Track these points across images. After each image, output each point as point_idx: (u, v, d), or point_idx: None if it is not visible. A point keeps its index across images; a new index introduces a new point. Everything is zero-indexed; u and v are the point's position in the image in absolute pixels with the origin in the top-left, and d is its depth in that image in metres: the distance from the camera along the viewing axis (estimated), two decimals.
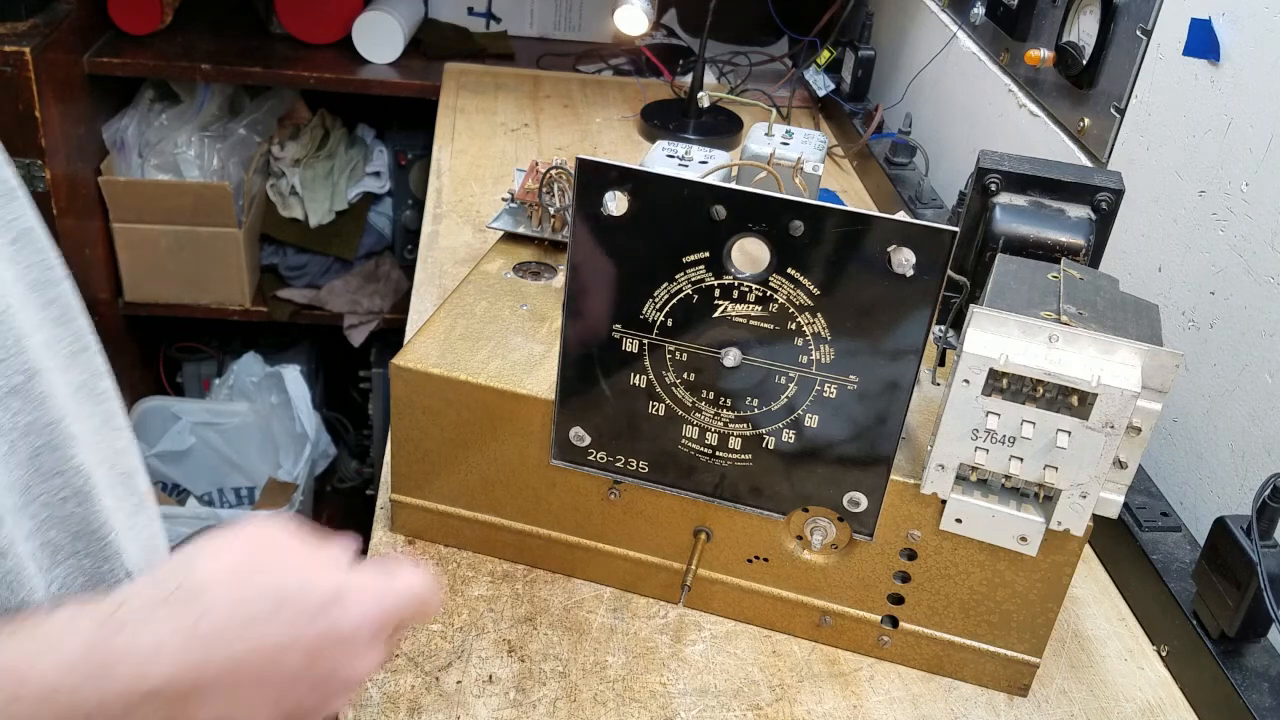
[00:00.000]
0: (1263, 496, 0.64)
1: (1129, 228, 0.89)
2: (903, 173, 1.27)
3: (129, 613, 0.43)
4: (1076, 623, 0.75)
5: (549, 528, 0.72)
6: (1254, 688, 0.65)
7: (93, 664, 0.41)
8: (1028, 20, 1.11)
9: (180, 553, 0.47)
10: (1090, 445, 0.57)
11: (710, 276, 0.59)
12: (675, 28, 1.79)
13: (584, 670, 0.66)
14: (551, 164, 0.86)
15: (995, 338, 0.57)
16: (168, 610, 0.44)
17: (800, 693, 0.67)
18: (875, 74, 1.48)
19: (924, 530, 0.64)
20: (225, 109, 1.83)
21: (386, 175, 1.92)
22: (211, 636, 0.44)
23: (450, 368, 0.68)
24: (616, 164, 0.58)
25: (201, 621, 0.44)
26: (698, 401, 0.63)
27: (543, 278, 0.80)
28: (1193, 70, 0.84)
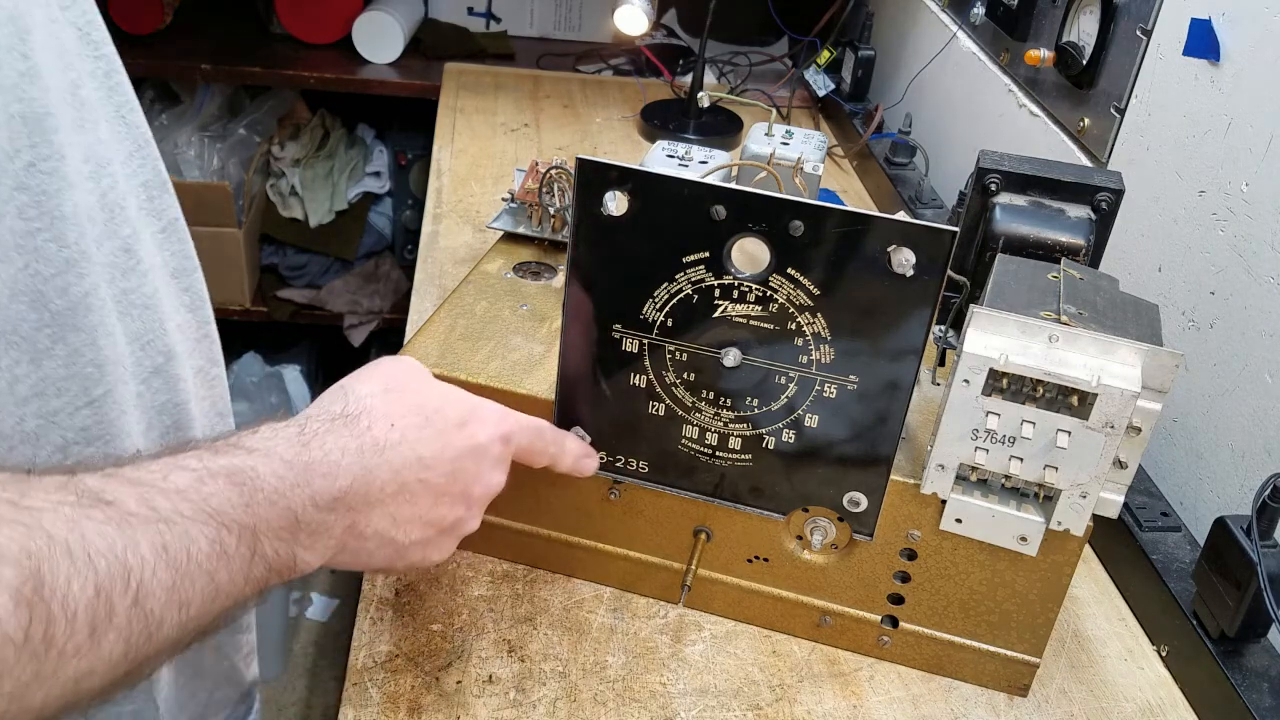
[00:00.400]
0: (1263, 496, 0.64)
1: (1129, 228, 0.89)
2: (903, 173, 1.27)
3: (315, 430, 0.48)
4: (1076, 623, 0.75)
5: (549, 528, 0.72)
6: (1254, 688, 0.65)
7: (296, 470, 0.45)
8: (1028, 20, 1.11)
9: (333, 387, 0.52)
10: (1090, 445, 0.57)
11: (710, 276, 0.59)
12: (675, 28, 1.79)
13: (584, 670, 0.66)
14: (551, 164, 0.86)
15: (995, 338, 0.57)
16: (341, 426, 0.49)
17: (800, 693, 0.67)
18: (875, 74, 1.48)
19: (924, 530, 0.64)
20: (225, 109, 1.83)
21: (386, 175, 1.92)
22: (376, 447, 0.49)
23: (450, 368, 0.68)
24: (616, 164, 0.58)
25: (366, 435, 0.49)
26: (698, 401, 0.63)
27: (543, 278, 0.80)
28: (1193, 70, 0.84)
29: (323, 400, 0.51)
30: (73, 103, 0.46)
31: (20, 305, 0.44)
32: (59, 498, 0.37)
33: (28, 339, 0.44)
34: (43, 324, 0.45)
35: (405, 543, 0.51)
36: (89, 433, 0.48)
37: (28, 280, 0.44)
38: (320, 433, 0.48)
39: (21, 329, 0.44)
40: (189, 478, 0.41)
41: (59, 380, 0.46)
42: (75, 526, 0.36)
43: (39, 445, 0.46)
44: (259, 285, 1.91)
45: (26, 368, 0.44)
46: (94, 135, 0.47)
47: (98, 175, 0.47)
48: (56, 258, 0.44)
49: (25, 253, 0.43)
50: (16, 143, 0.42)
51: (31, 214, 0.43)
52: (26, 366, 0.44)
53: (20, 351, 0.44)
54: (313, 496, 0.46)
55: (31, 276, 0.44)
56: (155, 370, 0.52)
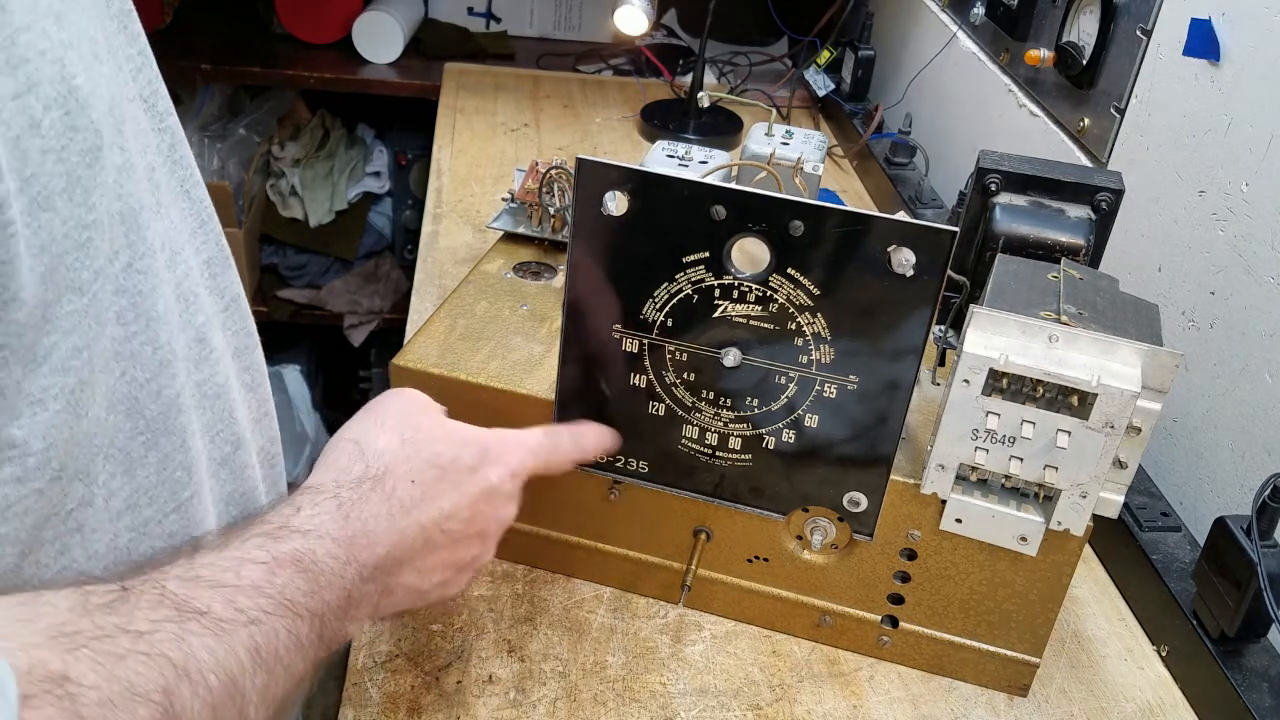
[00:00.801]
0: (1263, 496, 0.64)
1: (1129, 228, 0.89)
2: (903, 173, 1.27)
3: (350, 499, 0.47)
4: (1076, 623, 0.75)
5: (549, 528, 0.72)
6: (1254, 688, 0.65)
7: (344, 547, 0.45)
8: (1028, 20, 1.11)
9: (342, 440, 0.52)
10: (1090, 445, 0.57)
11: (710, 276, 0.59)
12: (675, 28, 1.79)
13: (584, 670, 0.66)
14: (551, 164, 0.86)
15: (995, 338, 0.57)
16: (371, 491, 0.48)
17: (800, 693, 0.67)
18: (875, 74, 1.48)
19: (924, 530, 0.64)
20: (225, 109, 1.83)
21: (386, 175, 1.92)
22: (404, 508, 0.49)
23: (450, 368, 0.68)
24: (616, 164, 0.58)
25: (394, 498, 0.49)
26: (698, 401, 0.63)
27: (543, 278, 0.80)
28: (1193, 70, 0.84)
29: (339, 461, 0.50)
30: (150, 188, 0.43)
31: (117, 416, 0.41)
32: (160, 615, 0.37)
33: (123, 450, 0.42)
34: (137, 432, 0.43)
35: (428, 588, 0.52)
36: (175, 538, 0.46)
37: (125, 388, 0.42)
38: (357, 502, 0.47)
39: (118, 440, 0.42)
40: (260, 571, 0.41)
41: (150, 489, 0.44)
42: (183, 644, 0.36)
43: (130, 558, 0.44)
44: (259, 285, 1.91)
45: (121, 480, 0.42)
46: (167, 220, 0.45)
47: (173, 264, 0.45)
48: (151, 361, 0.42)
49: (123, 359, 0.41)
50: (116, 243, 0.40)
51: (129, 318, 0.41)
52: (121, 479, 0.42)
53: (116, 464, 0.42)
54: (359, 570, 0.46)
55: (129, 384, 0.42)
56: (223, 461, 0.50)
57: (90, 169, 0.36)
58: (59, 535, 0.40)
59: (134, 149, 0.41)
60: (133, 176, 0.40)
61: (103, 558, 0.42)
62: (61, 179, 0.35)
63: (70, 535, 0.40)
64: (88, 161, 0.36)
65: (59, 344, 0.36)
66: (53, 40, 0.35)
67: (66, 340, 0.37)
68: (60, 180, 0.35)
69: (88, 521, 0.41)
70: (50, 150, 0.34)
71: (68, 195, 0.35)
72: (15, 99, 0.33)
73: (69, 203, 0.36)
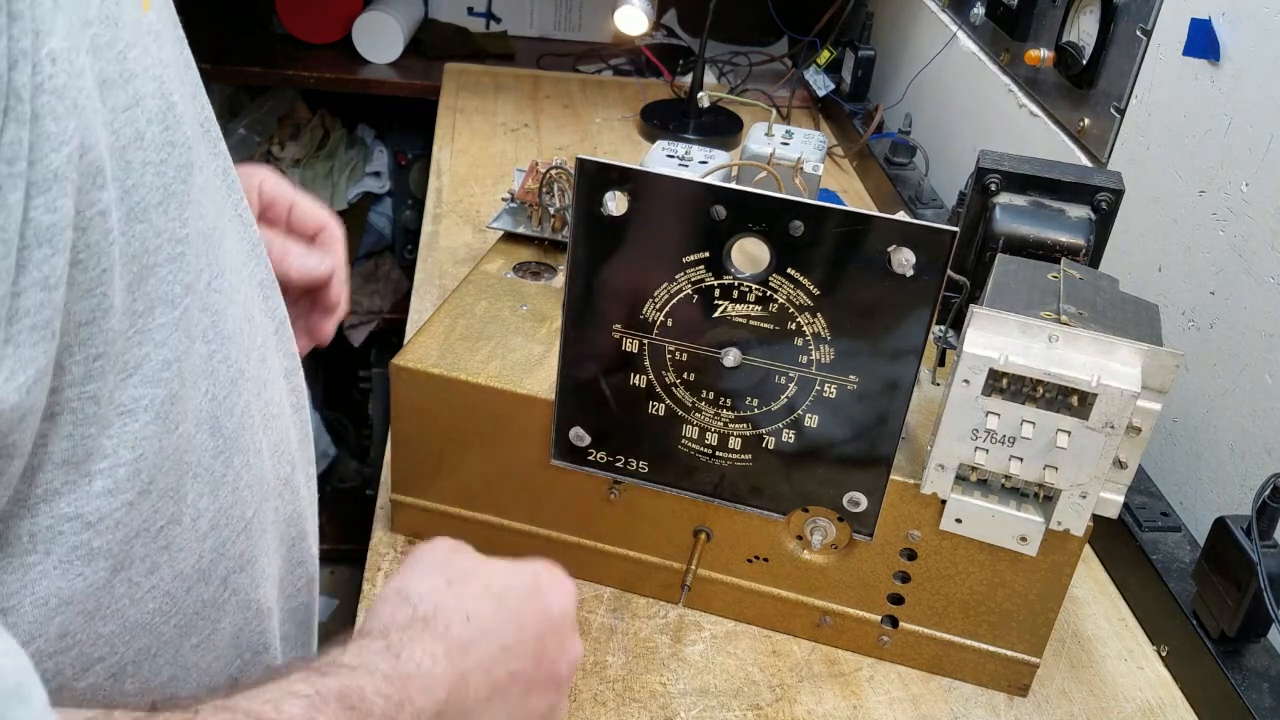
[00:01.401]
0: (1263, 496, 0.64)
1: (1129, 228, 0.89)
2: (903, 173, 1.27)
3: (400, 640, 0.43)
4: (1076, 623, 0.75)
5: (549, 528, 0.72)
6: (1254, 688, 0.65)
7: (397, 686, 0.41)
8: (1028, 20, 1.11)
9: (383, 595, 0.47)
10: (1090, 445, 0.57)
11: (710, 276, 0.59)
12: (675, 28, 1.79)
13: (584, 670, 0.66)
14: (551, 164, 0.86)
15: (995, 338, 0.57)
16: (422, 631, 0.44)
17: (800, 693, 0.67)
18: (875, 74, 1.48)
19: (924, 530, 0.64)
20: (225, 109, 1.83)
21: (386, 175, 1.92)
22: (461, 648, 0.44)
23: (450, 368, 0.68)
24: (616, 164, 0.58)
25: (448, 636, 0.44)
26: (698, 401, 0.63)
27: (543, 278, 0.80)
28: (1193, 70, 0.84)
29: (383, 612, 0.47)
30: (215, 211, 0.44)
31: (203, 434, 0.41)
32: None
33: (208, 468, 0.42)
34: (219, 451, 0.42)
35: None
36: (243, 558, 0.45)
37: (208, 406, 0.41)
38: (407, 643, 0.44)
39: (204, 459, 0.42)
40: (302, 706, 0.38)
41: (228, 508, 0.44)
42: None
43: (209, 580, 0.43)
44: None
45: (207, 500, 0.42)
46: (230, 242, 0.45)
47: (236, 285, 0.45)
48: (225, 379, 0.42)
49: (206, 377, 0.41)
50: (201, 260, 0.40)
51: (211, 335, 0.41)
52: (208, 499, 0.42)
53: (202, 483, 0.42)
54: (415, 715, 0.42)
55: (210, 401, 0.42)
56: (285, 481, 0.50)
57: (184, 184, 0.37)
58: (149, 553, 0.40)
59: (209, 170, 0.42)
60: (211, 196, 0.41)
61: (187, 578, 0.42)
62: (158, 192, 0.36)
63: (160, 553, 0.40)
64: (182, 177, 0.37)
65: (150, 355, 0.37)
66: (154, 58, 0.36)
67: (158, 353, 0.37)
68: (157, 194, 0.36)
69: (175, 539, 0.41)
70: (150, 163, 0.35)
71: (163, 209, 0.36)
72: (125, 111, 0.34)
73: (164, 216, 0.36)
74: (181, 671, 0.43)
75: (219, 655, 0.45)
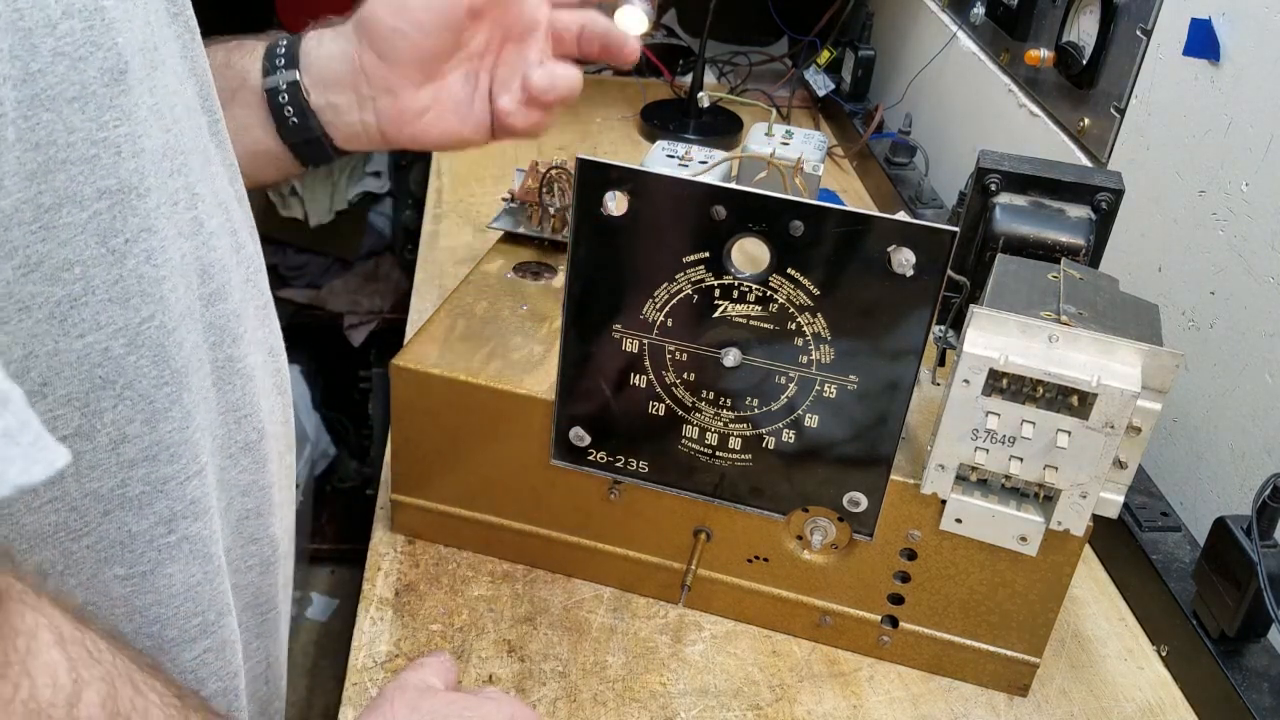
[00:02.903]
0: (1263, 496, 0.64)
1: (1129, 228, 0.89)
2: (903, 173, 1.27)
3: None
4: (1076, 623, 0.75)
5: (549, 528, 0.72)
6: (1254, 688, 0.65)
7: None
8: (1028, 20, 1.11)
9: None
10: (1090, 445, 0.57)
11: (710, 276, 0.59)
12: (675, 28, 1.78)
13: (584, 670, 0.66)
14: (551, 164, 0.86)
15: (995, 338, 0.57)
16: None
17: (800, 693, 0.67)
18: (875, 74, 1.48)
19: (924, 530, 0.64)
20: None
21: (386, 175, 1.92)
22: None
23: (450, 368, 0.68)
24: (616, 164, 0.58)
25: None
26: (698, 401, 0.63)
27: (543, 278, 0.80)
28: (1193, 70, 0.84)
29: None
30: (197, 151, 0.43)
31: (139, 358, 0.40)
32: None
33: (145, 396, 0.41)
34: (163, 381, 0.41)
35: None
36: (197, 505, 0.44)
37: (152, 332, 0.40)
38: None
39: (139, 385, 0.40)
40: None
41: (173, 445, 0.42)
42: None
43: (142, 513, 0.42)
44: None
45: (140, 427, 0.41)
46: (210, 190, 0.45)
47: (218, 232, 0.45)
48: (176, 309, 0.41)
49: (150, 301, 0.40)
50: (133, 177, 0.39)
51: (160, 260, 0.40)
52: (140, 426, 0.41)
53: (133, 409, 0.40)
54: None
55: (156, 328, 0.40)
56: (245, 447, 0.49)
57: (109, 88, 0.37)
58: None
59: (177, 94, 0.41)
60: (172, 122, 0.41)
61: (104, 499, 0.41)
62: (74, 87, 0.36)
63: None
64: (107, 81, 0.37)
65: (53, 254, 0.37)
66: None
67: (60, 251, 0.37)
68: (72, 88, 0.36)
69: (85, 455, 0.40)
70: (63, 54, 0.35)
71: (78, 106, 0.36)
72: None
73: (79, 114, 0.36)
74: (104, 600, 0.42)
75: (161, 601, 0.44)
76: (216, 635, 0.46)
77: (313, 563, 1.96)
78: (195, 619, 0.45)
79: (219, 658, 0.46)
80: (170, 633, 0.44)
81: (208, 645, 0.46)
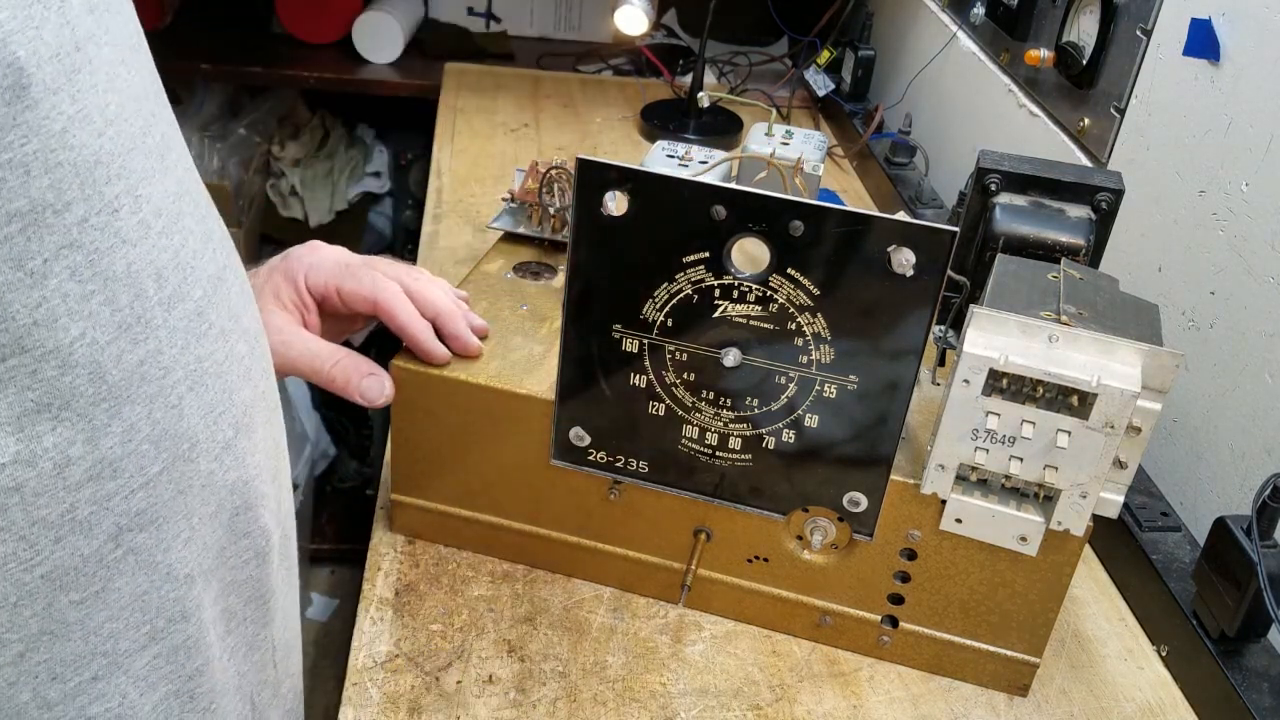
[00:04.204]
0: (1263, 496, 0.64)
1: (1129, 228, 0.89)
2: (903, 173, 1.27)
3: None
4: (1076, 623, 0.75)
5: (549, 528, 0.72)
6: (1254, 688, 0.65)
7: None
8: (1028, 20, 1.11)
9: None
10: (1090, 445, 0.57)
11: (710, 276, 0.59)
12: (675, 28, 1.79)
13: (584, 670, 0.66)
14: (551, 164, 0.86)
15: (995, 338, 0.57)
16: None
17: (800, 693, 0.67)
18: (875, 74, 1.48)
19: (924, 530, 0.64)
20: (225, 109, 1.83)
21: (386, 175, 1.92)
22: None
23: (450, 368, 0.68)
24: (616, 164, 0.58)
25: None
26: (698, 401, 0.63)
27: (543, 278, 0.80)
28: (1193, 70, 0.84)
29: None
30: (143, 150, 0.42)
31: (74, 378, 0.39)
32: None
33: (83, 415, 0.40)
34: (100, 398, 0.40)
35: None
36: (143, 516, 0.43)
37: (84, 350, 0.39)
38: None
39: (76, 404, 0.39)
40: None
41: (116, 460, 0.41)
42: None
43: (91, 534, 0.41)
44: None
45: (82, 448, 0.40)
46: (162, 187, 0.43)
47: (169, 231, 0.43)
48: (109, 322, 0.40)
49: (80, 319, 0.39)
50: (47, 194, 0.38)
51: (87, 276, 0.39)
52: (82, 447, 0.40)
53: (73, 430, 0.39)
54: None
55: (88, 345, 0.39)
56: (227, 445, 0.48)
57: (9, 107, 0.35)
58: None
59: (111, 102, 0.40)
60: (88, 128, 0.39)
61: (54, 526, 0.40)
62: None
63: (6, 495, 0.38)
64: (6, 100, 0.35)
65: None
66: None
67: None
68: None
69: (27, 483, 0.39)
70: None
71: None
72: None
73: None
74: (59, 627, 0.41)
75: (114, 616, 0.43)
76: (165, 641, 0.46)
77: (313, 563, 1.96)
78: (144, 627, 0.45)
79: (169, 663, 0.46)
80: (122, 645, 0.44)
81: (157, 651, 0.45)
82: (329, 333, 0.70)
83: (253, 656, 0.52)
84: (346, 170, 1.89)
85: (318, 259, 0.69)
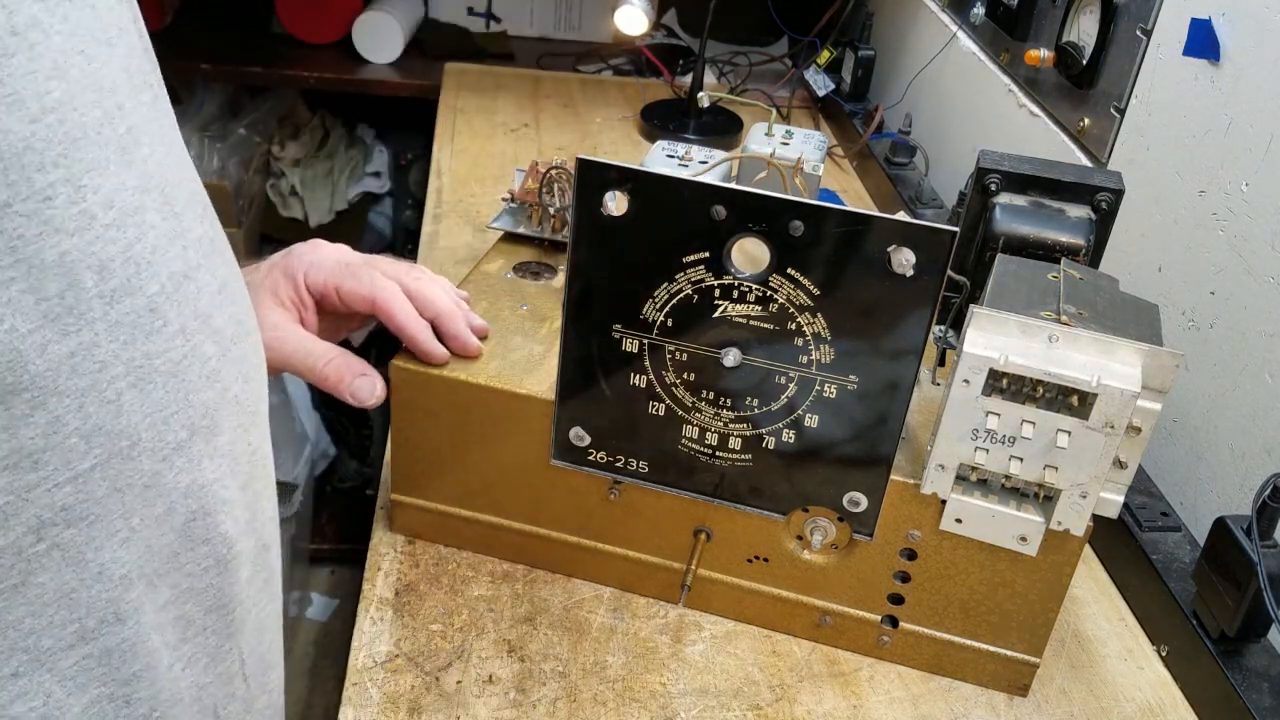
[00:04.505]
0: (1263, 496, 0.64)
1: (1129, 228, 0.89)
2: (903, 173, 1.27)
3: None
4: (1076, 623, 0.75)
5: (549, 528, 0.72)
6: (1254, 688, 0.65)
7: None
8: (1028, 20, 1.11)
9: None
10: (1090, 445, 0.57)
11: (710, 276, 0.59)
12: (675, 28, 1.79)
13: (584, 670, 0.66)
14: (551, 164, 0.86)
15: (995, 338, 0.57)
16: None
17: (800, 693, 0.67)
18: (875, 74, 1.48)
19: (924, 530, 0.64)
20: (225, 109, 1.83)
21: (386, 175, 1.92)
22: None
23: (450, 368, 0.68)
24: (616, 164, 0.58)
25: None
26: (698, 401, 0.63)
27: (543, 278, 0.80)
28: (1193, 70, 0.84)
29: None
30: (97, 141, 0.41)
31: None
32: None
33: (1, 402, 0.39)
34: (20, 387, 0.39)
35: None
36: (70, 512, 0.42)
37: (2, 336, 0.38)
38: None
39: None
40: None
41: (36, 452, 0.40)
42: None
43: (7, 525, 0.40)
44: None
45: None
46: (118, 180, 0.42)
47: (122, 224, 0.42)
48: (33, 312, 0.39)
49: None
50: None
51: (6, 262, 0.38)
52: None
53: None
54: None
55: (7, 332, 0.39)
56: (179, 447, 0.46)
57: None
58: None
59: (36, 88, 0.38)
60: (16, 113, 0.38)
61: None
62: None
63: None
64: None
65: None
66: None
67: None
68: None
69: None
70: None
71: None
72: None
73: None
74: None
75: (35, 612, 0.42)
76: (97, 642, 0.45)
77: (313, 563, 1.96)
78: (71, 626, 0.43)
79: (101, 664, 0.45)
80: (45, 642, 0.43)
81: (86, 652, 0.45)
82: (327, 331, 0.70)
83: (215, 668, 0.50)
84: (346, 170, 1.89)
85: (318, 257, 0.69)
